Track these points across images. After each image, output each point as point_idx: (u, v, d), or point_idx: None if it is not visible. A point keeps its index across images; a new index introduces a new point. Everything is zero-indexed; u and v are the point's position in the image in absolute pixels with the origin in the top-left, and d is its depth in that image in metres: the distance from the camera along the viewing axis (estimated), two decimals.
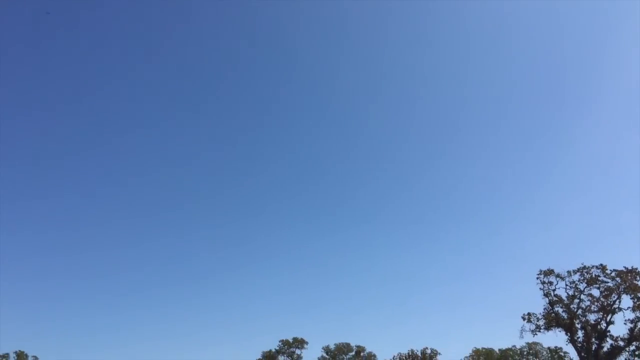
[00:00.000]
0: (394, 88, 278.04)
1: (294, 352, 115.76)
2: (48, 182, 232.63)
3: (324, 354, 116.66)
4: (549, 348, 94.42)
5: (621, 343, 77.08)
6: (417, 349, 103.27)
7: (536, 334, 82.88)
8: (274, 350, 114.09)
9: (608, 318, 78.80)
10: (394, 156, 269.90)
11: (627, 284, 76.99)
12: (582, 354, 78.94)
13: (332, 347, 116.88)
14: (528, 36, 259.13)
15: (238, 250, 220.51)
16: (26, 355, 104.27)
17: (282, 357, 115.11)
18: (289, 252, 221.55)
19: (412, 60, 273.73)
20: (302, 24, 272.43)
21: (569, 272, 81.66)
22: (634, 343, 75.97)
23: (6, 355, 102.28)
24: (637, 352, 76.05)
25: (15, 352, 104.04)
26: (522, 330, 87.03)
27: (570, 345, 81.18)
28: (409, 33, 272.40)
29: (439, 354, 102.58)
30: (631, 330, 75.77)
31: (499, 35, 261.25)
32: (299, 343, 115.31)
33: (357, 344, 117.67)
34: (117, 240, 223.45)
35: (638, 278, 77.40)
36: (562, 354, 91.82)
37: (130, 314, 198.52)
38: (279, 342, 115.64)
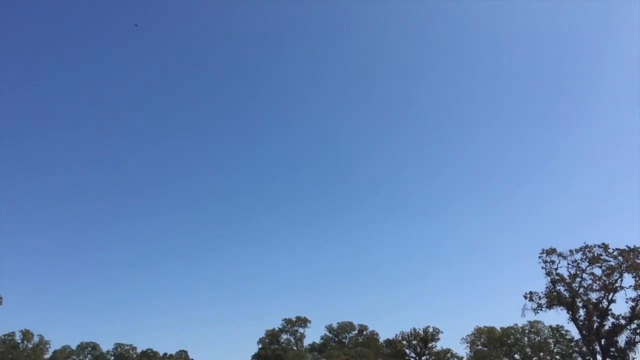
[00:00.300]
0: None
1: (297, 331, 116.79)
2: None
3: (327, 333, 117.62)
4: (550, 326, 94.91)
5: (622, 321, 77.40)
6: (420, 327, 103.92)
7: (538, 313, 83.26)
8: (277, 328, 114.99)
9: (610, 296, 79.06)
10: (397, 133, 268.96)
11: (629, 263, 77.07)
12: (584, 332, 79.35)
13: (335, 326, 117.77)
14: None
15: (241, 228, 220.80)
16: (32, 334, 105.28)
17: (286, 335, 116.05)
18: (292, 231, 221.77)
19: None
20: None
21: (571, 251, 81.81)
22: (636, 321, 76.26)
23: (12, 334, 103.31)
24: (638, 330, 76.34)
25: (21, 331, 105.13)
26: (524, 309, 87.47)
27: (571, 323, 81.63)
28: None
29: (441, 332, 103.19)
30: (633, 308, 76.02)
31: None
32: (302, 322, 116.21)
33: (360, 323, 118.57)
34: (122, 217, 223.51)
35: None
36: (564, 332, 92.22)
37: (133, 292, 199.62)
38: (283, 321, 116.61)
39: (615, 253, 78.87)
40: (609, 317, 78.87)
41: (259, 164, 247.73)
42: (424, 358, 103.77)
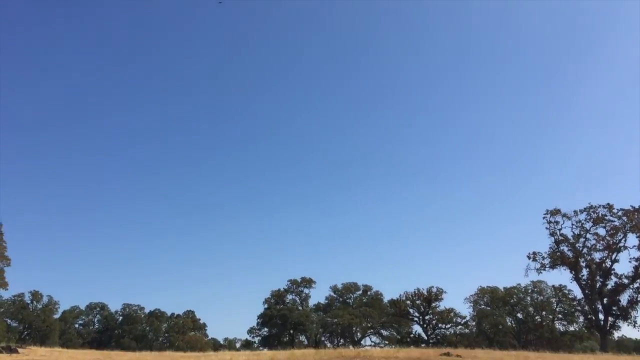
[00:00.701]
0: None
1: (302, 292, 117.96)
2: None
3: (332, 293, 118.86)
4: (553, 286, 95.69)
5: (625, 281, 77.96)
6: (423, 288, 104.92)
7: (541, 273, 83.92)
8: (283, 289, 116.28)
9: (613, 256, 79.50)
10: (400, 89, 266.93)
11: (634, 223, 77.24)
12: (586, 292, 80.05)
13: (339, 286, 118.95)
14: None
15: (244, 188, 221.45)
16: (41, 295, 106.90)
17: (291, 295, 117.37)
18: (295, 191, 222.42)
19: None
20: None
21: (575, 211, 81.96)
22: (638, 280, 76.78)
23: (21, 295, 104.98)
24: None
25: (30, 292, 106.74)
26: (527, 269, 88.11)
27: (574, 283, 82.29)
28: None
29: (445, 292, 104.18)
30: (636, 268, 76.47)
31: None
32: (307, 283, 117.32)
33: (364, 284, 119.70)
34: (128, 172, 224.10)
35: None
36: (566, 291, 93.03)
37: (140, 253, 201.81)
38: (288, 281, 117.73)
39: (619, 213, 79.00)
40: (612, 277, 79.45)
41: (263, 117, 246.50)
42: (427, 317, 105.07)
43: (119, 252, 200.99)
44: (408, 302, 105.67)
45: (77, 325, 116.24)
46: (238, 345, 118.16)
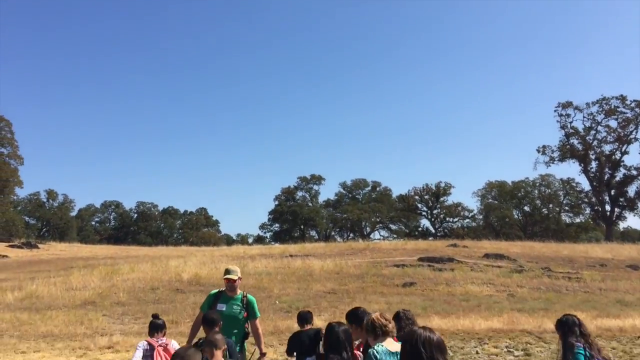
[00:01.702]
0: None
1: (311, 188, 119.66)
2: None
3: (341, 190, 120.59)
4: (561, 179, 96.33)
5: (634, 172, 78.34)
6: (432, 183, 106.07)
7: (550, 166, 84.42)
8: (293, 186, 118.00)
9: (623, 148, 79.47)
10: None
11: None
12: (594, 184, 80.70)
13: (348, 183, 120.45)
14: None
15: (254, 87, 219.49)
16: (56, 193, 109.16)
17: (301, 192, 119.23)
18: (305, 89, 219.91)
19: None
20: None
21: (587, 104, 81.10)
22: None
23: (37, 194, 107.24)
24: None
25: (46, 191, 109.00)
26: (536, 163, 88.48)
27: (582, 175, 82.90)
28: None
29: (453, 187, 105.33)
30: None
31: None
32: (317, 179, 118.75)
33: (373, 180, 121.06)
34: (144, 69, 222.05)
35: None
36: (574, 184, 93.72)
37: (153, 151, 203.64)
38: (298, 179, 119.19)
39: (632, 105, 78.04)
40: (621, 169, 79.86)
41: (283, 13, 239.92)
42: (435, 212, 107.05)
43: (130, 151, 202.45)
44: (416, 197, 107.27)
45: (93, 223, 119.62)
46: (250, 240, 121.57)
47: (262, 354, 7.73)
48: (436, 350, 3.51)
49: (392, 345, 4.99)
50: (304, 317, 7.43)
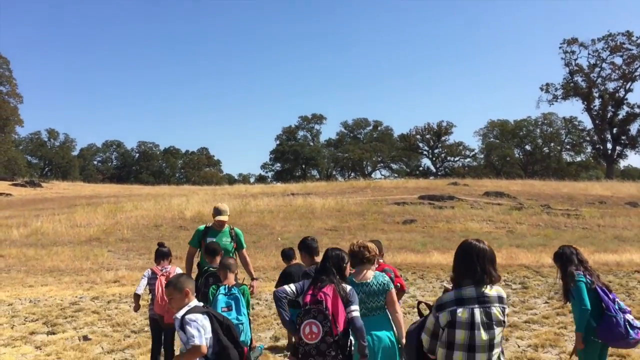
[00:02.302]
0: None
1: (313, 128, 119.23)
2: None
3: (342, 129, 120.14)
4: (563, 118, 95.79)
5: (637, 110, 77.84)
6: (433, 122, 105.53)
7: (552, 104, 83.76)
8: (294, 125, 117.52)
9: (627, 86, 78.68)
10: None
11: None
12: (597, 122, 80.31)
13: (350, 122, 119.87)
14: None
15: (252, 20, 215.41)
16: (57, 133, 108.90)
17: (302, 132, 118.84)
18: (303, 24, 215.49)
19: None
20: None
21: (593, 40, 79.64)
22: None
23: (38, 133, 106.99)
24: None
25: (47, 130, 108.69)
26: (539, 101, 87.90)
27: (585, 114, 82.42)
28: None
29: (455, 126, 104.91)
30: None
31: None
32: (318, 119, 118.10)
33: (375, 119, 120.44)
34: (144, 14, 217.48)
35: None
36: (576, 123, 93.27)
37: (154, 90, 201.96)
38: (299, 118, 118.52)
39: (638, 41, 76.66)
40: (624, 107, 79.29)
41: None
42: (436, 151, 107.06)
43: (130, 90, 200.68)
44: (418, 136, 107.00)
45: (95, 162, 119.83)
46: (252, 180, 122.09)
47: (254, 279, 8.12)
48: (488, 261, 3.72)
49: (362, 276, 5.22)
50: (287, 254, 8.14)
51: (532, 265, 17.08)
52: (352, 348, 4.66)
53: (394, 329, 5.21)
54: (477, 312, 3.56)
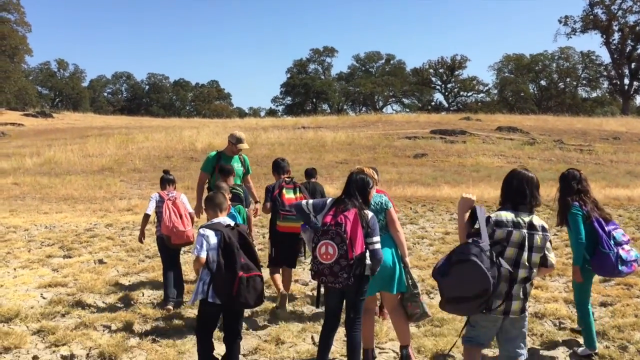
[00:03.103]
0: None
1: (324, 61, 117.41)
2: None
3: (354, 62, 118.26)
4: (581, 52, 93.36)
5: None
6: (447, 56, 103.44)
7: (571, 37, 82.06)
8: (305, 59, 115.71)
9: None
10: None
11: None
12: (615, 56, 78.46)
13: (362, 55, 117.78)
14: None
15: None
16: (66, 63, 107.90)
17: (314, 65, 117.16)
18: None
19: None
20: None
21: None
22: None
23: (47, 63, 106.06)
24: None
25: (56, 60, 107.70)
26: (557, 34, 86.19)
27: (604, 48, 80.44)
28: None
29: (469, 60, 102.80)
30: None
31: None
32: (329, 52, 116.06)
33: (387, 52, 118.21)
34: None
35: None
36: (594, 57, 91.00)
37: (163, 22, 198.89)
38: (310, 50, 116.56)
39: None
40: None
41: None
42: (449, 85, 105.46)
43: (138, 21, 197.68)
44: (431, 70, 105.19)
45: (105, 94, 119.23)
46: (262, 114, 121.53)
47: (257, 202, 8.44)
48: (535, 188, 4.20)
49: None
50: (309, 173, 8.62)
51: (543, 200, 17.07)
52: (366, 273, 4.72)
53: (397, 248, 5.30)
54: (527, 236, 4.06)
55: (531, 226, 4.09)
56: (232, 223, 4.88)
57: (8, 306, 6.99)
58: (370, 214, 4.82)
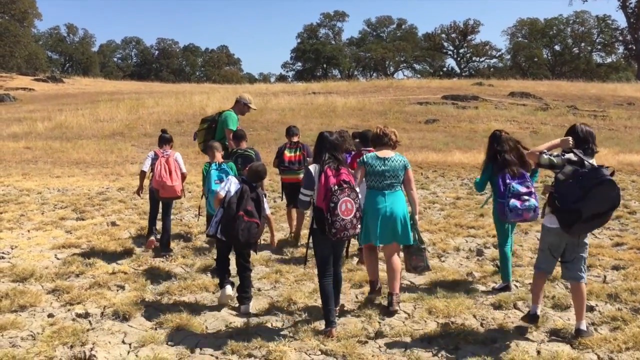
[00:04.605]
0: None
1: (335, 25, 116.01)
2: None
3: (365, 27, 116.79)
4: (596, 16, 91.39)
5: None
6: (460, 21, 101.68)
7: (586, 1, 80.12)
8: (315, 23, 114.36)
9: None
10: None
11: None
12: (631, 20, 76.86)
13: (373, 20, 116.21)
14: None
15: None
16: (76, 28, 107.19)
17: (324, 30, 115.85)
18: None
19: None
20: None
21: None
22: None
23: (57, 28, 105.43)
24: None
25: (66, 25, 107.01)
26: None
27: (620, 12, 78.67)
28: None
29: (482, 25, 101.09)
30: None
31: None
32: (340, 16, 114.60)
33: (399, 17, 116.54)
34: None
35: None
36: (610, 22, 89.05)
37: None
38: (321, 15, 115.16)
39: None
40: None
41: None
42: (461, 51, 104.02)
43: None
44: (443, 35, 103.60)
45: (115, 59, 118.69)
46: (272, 79, 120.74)
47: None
48: (592, 139, 5.07)
49: (384, 153, 5.82)
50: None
51: None
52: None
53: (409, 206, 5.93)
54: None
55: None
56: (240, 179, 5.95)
57: (23, 266, 7.10)
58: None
